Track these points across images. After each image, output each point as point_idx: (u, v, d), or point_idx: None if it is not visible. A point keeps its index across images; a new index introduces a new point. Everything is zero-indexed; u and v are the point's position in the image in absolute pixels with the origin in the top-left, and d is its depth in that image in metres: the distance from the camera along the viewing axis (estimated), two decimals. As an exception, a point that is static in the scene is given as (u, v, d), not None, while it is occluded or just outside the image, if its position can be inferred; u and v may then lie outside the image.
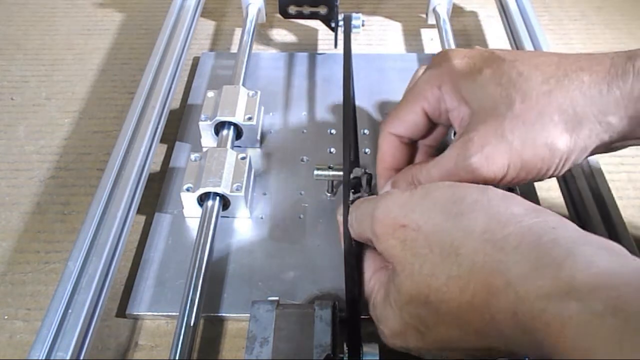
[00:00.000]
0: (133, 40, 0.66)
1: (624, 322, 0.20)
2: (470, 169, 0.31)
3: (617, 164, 0.52)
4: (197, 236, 0.41)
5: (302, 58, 0.62)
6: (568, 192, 0.44)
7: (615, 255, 0.24)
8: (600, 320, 0.21)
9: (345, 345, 0.32)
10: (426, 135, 0.38)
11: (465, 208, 0.28)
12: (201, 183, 0.43)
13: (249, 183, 0.46)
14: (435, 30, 0.63)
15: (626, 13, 0.70)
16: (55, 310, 0.36)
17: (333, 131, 0.53)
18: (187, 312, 0.36)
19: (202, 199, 0.44)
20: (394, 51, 0.65)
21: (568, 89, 0.30)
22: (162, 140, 0.51)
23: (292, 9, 0.57)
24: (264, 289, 0.41)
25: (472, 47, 0.36)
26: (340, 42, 0.54)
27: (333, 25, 0.58)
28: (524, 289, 0.24)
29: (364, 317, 0.33)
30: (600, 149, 0.32)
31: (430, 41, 0.66)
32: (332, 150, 0.51)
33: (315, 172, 0.44)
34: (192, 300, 0.37)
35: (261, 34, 0.67)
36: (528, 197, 0.30)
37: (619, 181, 0.50)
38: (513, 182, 0.32)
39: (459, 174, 0.32)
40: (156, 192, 0.48)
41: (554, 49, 0.63)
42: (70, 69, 0.62)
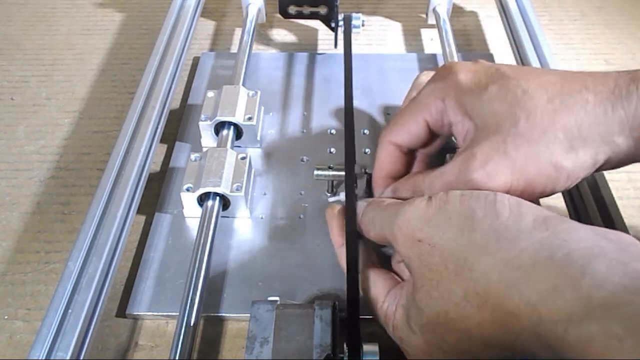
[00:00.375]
0: (133, 40, 0.66)
1: None
2: (471, 185, 0.31)
3: (617, 164, 0.52)
4: (197, 236, 0.41)
5: (302, 58, 0.62)
6: (568, 192, 0.44)
7: (630, 267, 0.24)
8: (619, 342, 0.21)
9: (345, 345, 0.32)
10: (425, 145, 0.38)
11: (477, 225, 0.28)
12: (201, 183, 0.43)
13: (249, 183, 0.46)
14: (435, 30, 0.63)
15: (626, 13, 0.70)
16: (55, 310, 0.36)
17: (333, 131, 0.53)
18: (187, 312, 0.36)
19: (202, 199, 0.44)
20: (394, 51, 0.65)
21: (573, 109, 0.31)
22: (162, 140, 0.51)
23: (292, 9, 0.57)
24: (264, 289, 0.41)
25: (476, 61, 0.36)
26: (340, 42, 0.54)
27: (333, 25, 0.58)
28: (545, 309, 0.24)
29: (364, 317, 0.33)
30: (607, 166, 0.32)
31: (430, 41, 0.66)
32: (332, 150, 0.51)
33: (315, 172, 0.44)
34: (192, 300, 0.37)
35: (261, 34, 0.67)
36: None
37: (619, 181, 0.50)
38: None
39: (460, 188, 0.32)
40: (156, 192, 0.48)
41: (554, 49, 0.63)
42: (70, 69, 0.62)
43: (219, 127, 0.49)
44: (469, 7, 0.72)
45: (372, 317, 0.35)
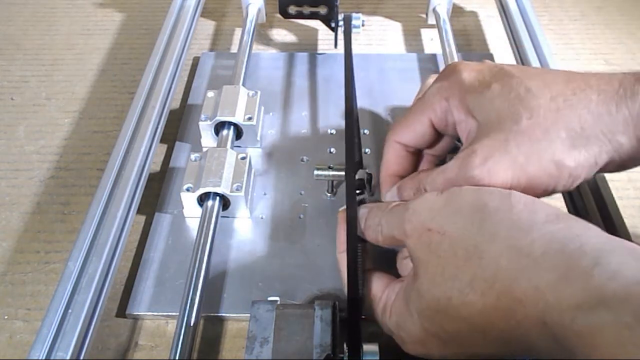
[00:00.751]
0: (133, 40, 0.66)
1: None
2: (472, 182, 0.31)
3: (617, 164, 0.52)
4: (197, 236, 0.41)
5: (302, 58, 0.62)
6: (568, 192, 0.44)
7: None
8: (630, 331, 0.21)
9: (345, 345, 0.32)
10: (432, 145, 0.38)
11: (488, 214, 0.28)
12: (201, 183, 0.43)
13: (249, 183, 0.46)
14: (435, 30, 0.63)
15: (626, 13, 0.70)
16: (55, 310, 0.36)
17: (333, 131, 0.53)
18: (187, 312, 0.36)
19: (202, 199, 0.44)
20: (394, 51, 0.65)
21: (576, 107, 0.30)
22: (162, 140, 0.51)
23: (292, 9, 0.57)
24: (264, 289, 0.41)
25: (481, 61, 0.36)
26: (340, 42, 0.54)
27: (333, 25, 0.58)
28: (554, 297, 0.24)
29: (364, 317, 0.33)
30: (610, 167, 0.32)
31: (430, 41, 0.66)
32: (332, 150, 0.51)
33: (315, 172, 0.44)
34: (192, 300, 0.37)
35: (261, 34, 0.67)
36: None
37: (619, 181, 0.50)
38: None
39: (461, 184, 0.32)
40: (156, 192, 0.48)
41: (554, 49, 0.63)
42: (70, 69, 0.63)
43: (219, 127, 0.49)
44: (469, 7, 0.72)
45: (372, 317, 0.35)
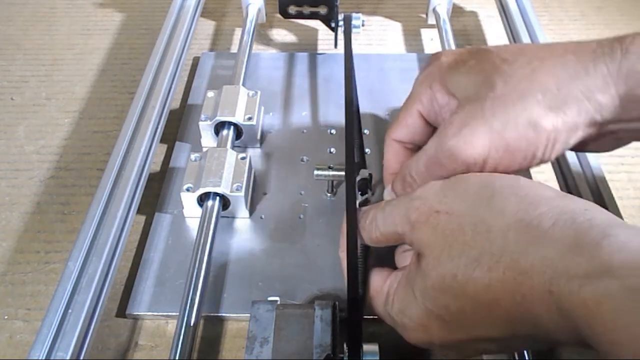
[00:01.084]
0: (133, 40, 0.66)
1: None
2: (448, 153, 0.31)
3: (617, 164, 0.52)
4: (197, 236, 0.41)
5: (302, 58, 0.62)
6: (568, 192, 0.44)
7: None
8: (634, 298, 0.21)
9: (345, 345, 0.32)
10: (429, 139, 0.38)
11: (496, 191, 0.28)
12: (201, 183, 0.43)
13: (249, 183, 0.46)
14: (435, 30, 0.63)
15: (626, 13, 0.70)
16: (55, 310, 0.36)
17: (333, 131, 0.53)
18: (187, 312, 0.36)
19: (202, 199, 0.44)
20: (394, 51, 0.65)
21: (552, 68, 0.30)
22: (162, 140, 0.51)
23: (292, 9, 0.57)
24: (264, 289, 0.41)
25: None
26: (340, 42, 0.54)
27: (333, 25, 0.58)
28: (562, 265, 0.24)
29: (365, 317, 0.33)
30: (593, 129, 0.31)
31: (430, 41, 0.66)
32: (332, 150, 0.51)
33: (315, 172, 0.44)
34: (192, 300, 0.37)
35: (261, 34, 0.67)
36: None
37: (619, 181, 0.50)
38: (499, 168, 0.31)
39: (440, 160, 0.31)
40: (156, 192, 0.48)
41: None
42: (70, 69, 0.62)
43: (219, 127, 0.49)
44: (469, 7, 0.72)
45: (372, 317, 0.35)
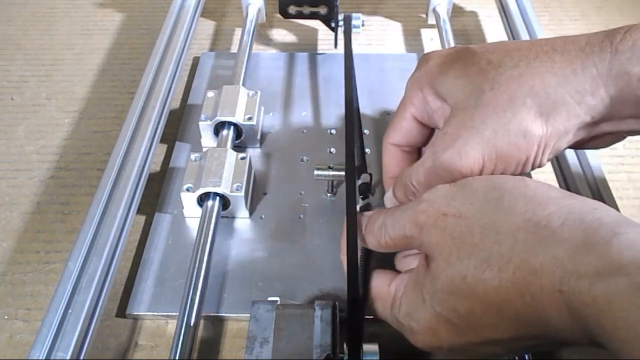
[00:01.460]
0: (133, 40, 0.66)
1: None
2: (444, 166, 0.31)
3: (617, 164, 0.52)
4: (197, 236, 0.41)
5: (302, 58, 0.62)
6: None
7: None
8: None
9: (345, 345, 0.32)
10: (426, 140, 0.38)
11: (505, 192, 0.28)
12: (201, 183, 0.43)
13: (249, 183, 0.46)
14: (435, 30, 0.63)
15: (626, 13, 0.70)
16: (55, 310, 0.36)
17: (333, 131, 0.53)
18: (187, 312, 0.36)
19: (202, 199, 0.44)
20: (394, 51, 0.65)
21: (539, 71, 0.30)
22: (162, 140, 0.51)
23: (292, 9, 0.57)
24: (264, 289, 0.41)
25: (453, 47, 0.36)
26: (340, 42, 0.54)
27: (333, 25, 0.58)
28: (572, 264, 0.24)
29: (365, 317, 0.33)
30: (585, 131, 0.31)
31: (430, 41, 0.66)
32: (332, 150, 0.51)
33: (315, 172, 0.44)
34: (192, 300, 0.37)
35: (261, 34, 0.67)
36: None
37: (619, 181, 0.50)
38: (495, 174, 0.31)
39: (437, 171, 0.31)
40: (156, 192, 0.48)
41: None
42: (70, 69, 0.62)
43: (219, 127, 0.49)
44: (469, 7, 0.72)
45: (372, 317, 0.35)
